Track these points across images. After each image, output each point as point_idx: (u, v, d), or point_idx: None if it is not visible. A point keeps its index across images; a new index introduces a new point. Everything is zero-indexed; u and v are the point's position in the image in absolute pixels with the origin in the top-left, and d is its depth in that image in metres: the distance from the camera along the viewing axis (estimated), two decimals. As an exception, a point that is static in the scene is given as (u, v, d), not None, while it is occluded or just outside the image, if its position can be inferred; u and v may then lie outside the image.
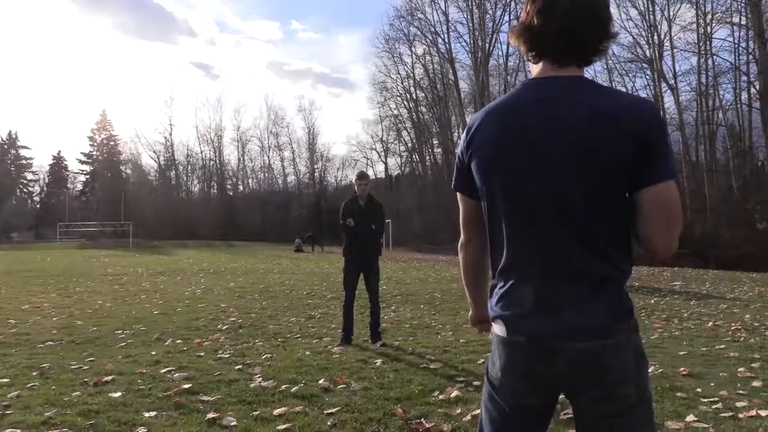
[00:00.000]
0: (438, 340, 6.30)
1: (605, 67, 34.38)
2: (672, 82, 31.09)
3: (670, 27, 31.45)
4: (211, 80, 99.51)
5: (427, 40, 48.40)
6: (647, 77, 32.86)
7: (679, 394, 4.04)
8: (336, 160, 67.37)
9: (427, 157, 55.28)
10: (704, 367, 4.87)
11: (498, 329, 1.44)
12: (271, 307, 9.17)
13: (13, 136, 73.04)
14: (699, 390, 4.14)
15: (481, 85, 42.87)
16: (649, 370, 4.58)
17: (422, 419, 3.52)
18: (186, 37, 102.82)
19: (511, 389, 1.42)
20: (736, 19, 29.05)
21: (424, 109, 53.28)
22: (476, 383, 4.36)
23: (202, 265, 21.07)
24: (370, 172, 52.85)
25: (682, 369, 4.74)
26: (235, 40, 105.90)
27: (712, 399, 3.93)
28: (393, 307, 9.20)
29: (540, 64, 1.43)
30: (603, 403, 1.34)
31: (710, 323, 7.26)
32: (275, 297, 10.67)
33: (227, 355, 5.45)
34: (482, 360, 5.14)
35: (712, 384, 4.34)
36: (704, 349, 5.66)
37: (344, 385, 4.33)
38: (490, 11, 42.43)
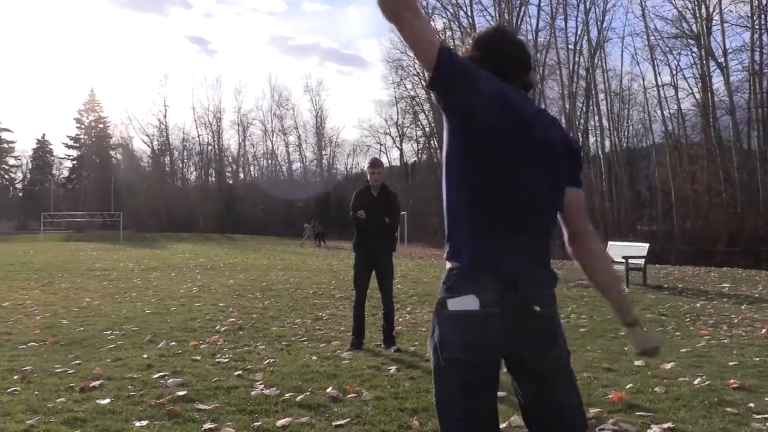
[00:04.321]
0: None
1: (647, 43, 34.03)
2: (721, 60, 30.64)
3: (720, -2, 31.00)
4: (208, 56, 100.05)
5: (448, 13, 48.08)
6: (693, 55, 32.42)
7: (728, 409, 3.99)
8: (346, 146, 67.76)
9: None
10: (757, 380, 4.80)
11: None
12: (274, 307, 9.20)
13: (-6, 118, 73.92)
14: (751, 405, 4.09)
15: (507, 63, 42.54)
16: (695, 382, 4.57)
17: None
18: (179, 8, 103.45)
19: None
20: (795, -10, 28.53)
21: (443, 90, 53.08)
22: (501, 394, 4.33)
23: (199, 261, 21.21)
24: (384, 159, 52.89)
25: (731, 381, 4.68)
26: (234, 12, 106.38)
27: (766, 415, 3.87)
28: (408, 309, 9.18)
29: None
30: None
31: (764, 330, 7.17)
32: (279, 296, 10.71)
33: (226, 360, 5.47)
34: (503, 369, 5.11)
35: (767, 398, 4.28)
36: (757, 359, 5.58)
37: (354, 395, 4.32)
38: (519, -20, 42.10)
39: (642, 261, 12.85)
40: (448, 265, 1.82)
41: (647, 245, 13.65)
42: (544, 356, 1.81)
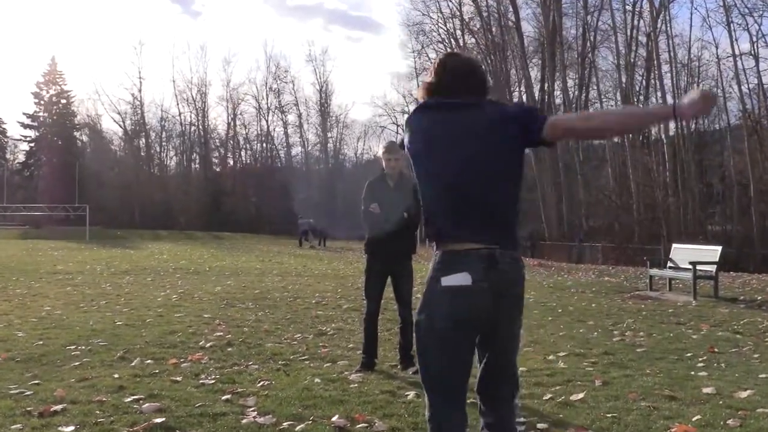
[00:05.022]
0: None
1: (721, 4, 33.67)
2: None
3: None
4: (192, 19, 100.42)
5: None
6: (779, 17, 32.07)
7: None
8: (356, 127, 67.95)
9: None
10: None
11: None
12: (268, 320, 9.24)
13: (-62, 92, 74.60)
14: None
15: (551, 28, 42.39)
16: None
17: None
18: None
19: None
20: None
21: (474, 60, 52.91)
22: (541, 426, 4.33)
23: (180, 263, 21.34)
24: (402, 143, 52.68)
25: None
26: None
27: None
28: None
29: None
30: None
31: None
32: (275, 306, 10.76)
33: (212, 381, 5.50)
34: (549, 395, 5.11)
35: None
36: None
37: (365, 424, 4.34)
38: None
39: (713, 268, 12.76)
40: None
41: (720, 249, 13.56)
42: (512, 326, 2.78)
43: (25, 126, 73.30)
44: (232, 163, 74.34)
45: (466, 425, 2.72)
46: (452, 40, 52.40)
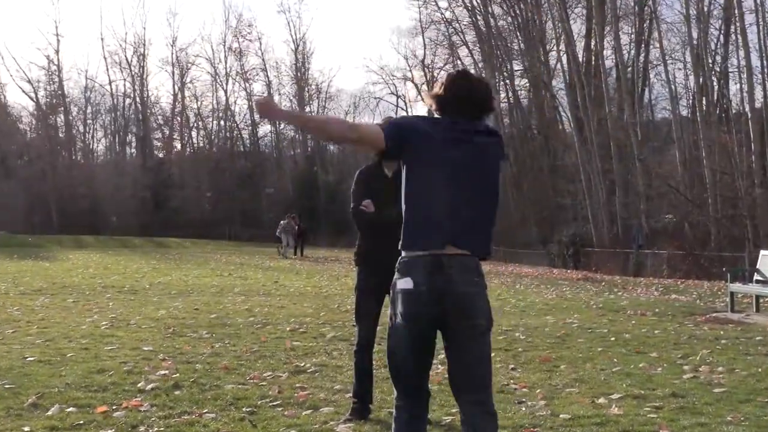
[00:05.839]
0: (521, 415, 6.31)
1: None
2: None
3: None
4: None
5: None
6: None
7: None
8: (343, 99, 68.50)
9: (503, 94, 55.11)
10: None
11: None
12: (229, 353, 9.22)
13: None
14: None
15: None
16: None
17: None
18: None
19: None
20: None
21: (498, 10, 53.01)
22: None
23: (111, 279, 21.29)
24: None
25: None
26: None
27: None
28: (441, 356, 9.15)
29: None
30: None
31: None
32: (237, 335, 10.75)
33: (154, 435, 5.48)
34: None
35: None
36: None
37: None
38: None
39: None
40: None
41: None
42: (464, 321, 3.81)
43: None
44: (179, 147, 74.50)
45: (425, 414, 4.15)
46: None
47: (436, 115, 4.00)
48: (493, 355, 9.56)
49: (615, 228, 41.47)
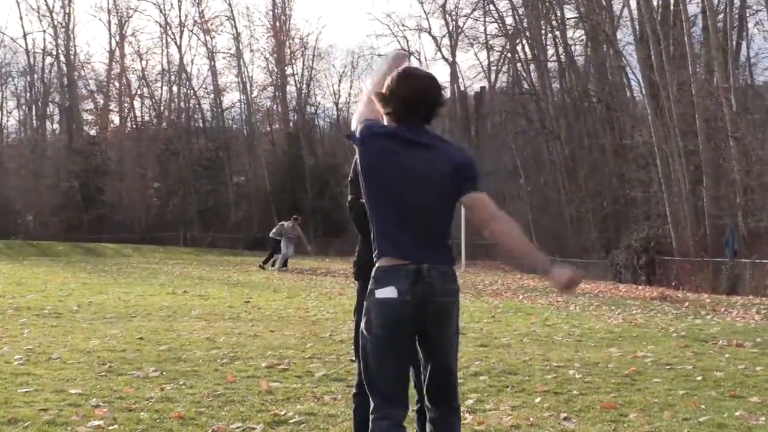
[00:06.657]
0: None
1: None
2: None
3: None
4: None
5: None
6: None
7: None
8: (337, 58, 68.39)
9: (552, 50, 55.41)
10: None
11: None
12: (185, 398, 9.22)
13: None
14: None
15: None
16: None
17: None
18: None
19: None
20: None
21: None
22: None
23: (27, 298, 21.34)
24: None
25: None
26: None
27: None
28: (471, 401, 9.18)
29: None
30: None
31: None
32: (195, 374, 10.76)
33: None
34: None
35: None
36: None
37: None
38: None
39: None
40: None
41: None
42: (442, 329, 5.02)
43: None
44: (117, 121, 74.80)
45: (402, 422, 5.04)
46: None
47: (383, 120, 5.10)
48: (539, 400, 9.60)
49: (702, 230, 41.41)
